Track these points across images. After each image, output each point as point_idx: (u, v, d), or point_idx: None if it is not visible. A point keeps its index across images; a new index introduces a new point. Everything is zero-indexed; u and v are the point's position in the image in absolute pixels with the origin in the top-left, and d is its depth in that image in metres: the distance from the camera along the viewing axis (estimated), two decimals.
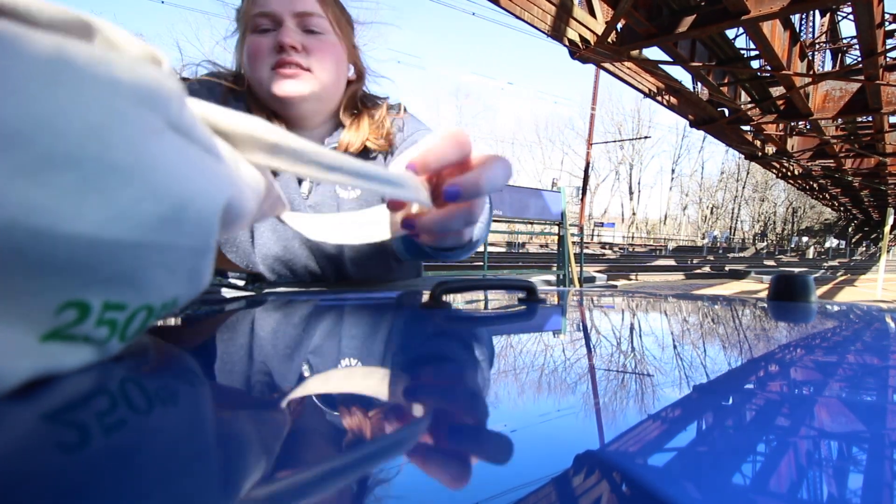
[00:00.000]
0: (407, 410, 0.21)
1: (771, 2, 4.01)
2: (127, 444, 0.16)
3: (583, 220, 17.14)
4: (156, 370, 0.24)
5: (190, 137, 0.20)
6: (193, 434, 0.17)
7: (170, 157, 0.19)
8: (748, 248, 32.98)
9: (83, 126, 0.16)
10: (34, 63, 0.15)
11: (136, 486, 0.13)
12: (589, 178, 17.83)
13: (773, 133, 8.44)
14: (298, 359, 0.29)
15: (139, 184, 0.18)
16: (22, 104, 0.14)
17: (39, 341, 0.19)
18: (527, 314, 0.50)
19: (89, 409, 0.18)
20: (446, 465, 0.16)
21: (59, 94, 0.15)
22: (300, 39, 0.64)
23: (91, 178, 0.16)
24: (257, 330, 0.37)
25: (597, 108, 17.85)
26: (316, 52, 0.65)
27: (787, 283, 0.63)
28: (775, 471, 0.16)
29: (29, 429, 0.16)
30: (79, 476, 0.13)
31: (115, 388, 0.21)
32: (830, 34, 7.36)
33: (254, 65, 0.65)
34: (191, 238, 0.21)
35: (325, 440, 0.18)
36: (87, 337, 0.21)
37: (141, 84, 0.18)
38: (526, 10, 4.33)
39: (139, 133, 0.18)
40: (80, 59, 0.16)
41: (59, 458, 0.14)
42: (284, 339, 0.34)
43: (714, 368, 0.30)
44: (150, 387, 0.21)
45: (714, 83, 6.15)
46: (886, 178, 12.36)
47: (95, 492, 0.12)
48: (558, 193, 6.02)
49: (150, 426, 0.17)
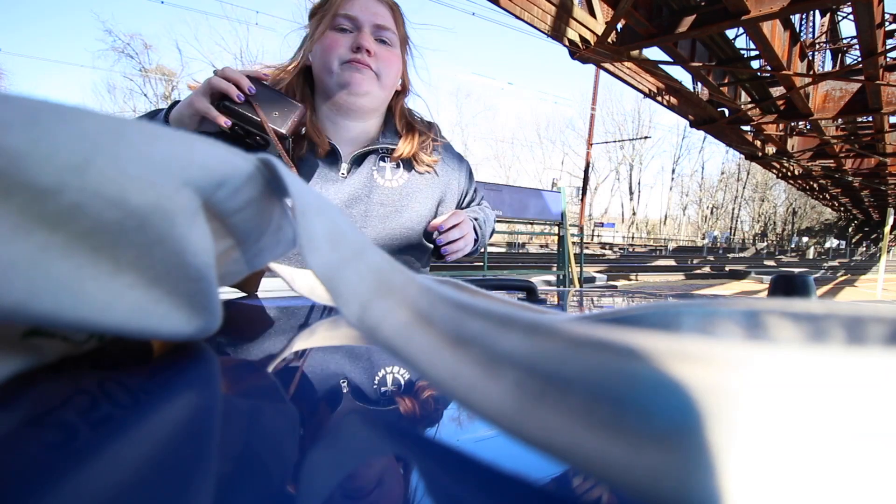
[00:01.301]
0: (406, 410, 0.21)
1: (771, 2, 4.01)
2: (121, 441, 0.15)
3: (583, 220, 17.14)
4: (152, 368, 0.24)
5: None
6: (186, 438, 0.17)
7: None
8: (748, 248, 32.98)
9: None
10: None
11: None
12: (589, 179, 17.84)
13: (773, 133, 8.44)
14: (300, 358, 0.29)
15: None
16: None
17: (21, 338, 0.20)
18: None
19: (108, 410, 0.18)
20: (447, 465, 0.16)
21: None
22: (374, 46, 0.76)
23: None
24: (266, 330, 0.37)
25: (597, 109, 17.87)
26: (383, 60, 0.77)
27: (787, 283, 0.63)
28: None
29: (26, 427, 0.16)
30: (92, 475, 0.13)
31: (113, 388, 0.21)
32: (830, 34, 7.36)
33: (329, 55, 0.75)
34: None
35: (325, 440, 0.18)
36: (66, 337, 0.22)
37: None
38: (526, 11, 4.33)
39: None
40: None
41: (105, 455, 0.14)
42: (285, 337, 0.34)
43: None
44: (141, 384, 0.21)
45: (714, 83, 6.15)
46: (887, 178, 12.36)
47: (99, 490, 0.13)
48: (558, 193, 6.02)
49: (138, 424, 0.17)
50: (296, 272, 0.42)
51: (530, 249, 21.00)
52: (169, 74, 24.02)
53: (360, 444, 0.17)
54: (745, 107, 7.01)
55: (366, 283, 0.19)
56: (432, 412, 0.21)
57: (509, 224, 6.45)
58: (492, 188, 5.39)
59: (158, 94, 23.86)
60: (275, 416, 0.20)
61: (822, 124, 7.96)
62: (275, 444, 0.17)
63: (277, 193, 0.23)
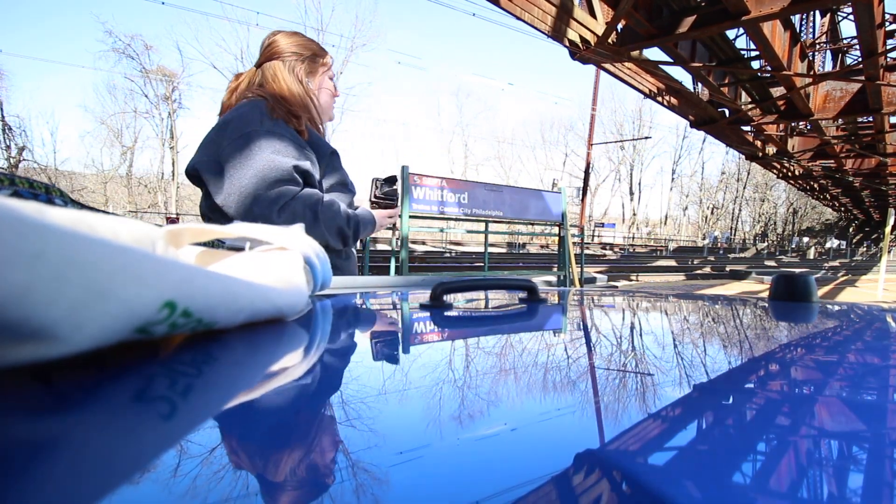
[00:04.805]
0: (408, 409, 0.21)
1: (771, 2, 4.00)
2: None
3: (583, 220, 17.12)
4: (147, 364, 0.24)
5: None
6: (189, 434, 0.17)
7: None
8: (749, 248, 32.93)
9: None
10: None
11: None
12: (589, 179, 17.82)
13: (773, 133, 8.44)
14: (303, 357, 0.29)
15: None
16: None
17: None
18: (527, 314, 0.50)
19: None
20: (447, 464, 0.16)
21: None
22: None
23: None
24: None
25: (597, 109, 17.85)
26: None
27: (788, 283, 0.63)
28: (775, 470, 0.16)
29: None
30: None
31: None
32: (831, 34, 7.35)
33: (329, 99, 1.19)
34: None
35: (324, 439, 0.18)
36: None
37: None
38: (526, 11, 4.33)
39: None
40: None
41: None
42: (286, 334, 0.34)
43: (715, 368, 0.30)
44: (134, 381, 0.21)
45: (714, 83, 6.14)
46: (887, 178, 12.34)
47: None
48: (559, 194, 6.02)
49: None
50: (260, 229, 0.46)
51: (531, 250, 20.99)
52: (170, 75, 24.04)
53: (361, 443, 0.17)
54: (745, 107, 7.00)
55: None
56: (431, 412, 0.21)
57: (510, 224, 6.45)
58: (492, 188, 5.39)
59: (159, 95, 23.90)
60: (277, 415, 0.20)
61: (823, 124, 7.95)
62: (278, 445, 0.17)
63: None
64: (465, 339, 0.37)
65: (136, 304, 0.21)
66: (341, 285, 0.78)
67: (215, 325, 0.28)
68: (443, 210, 4.97)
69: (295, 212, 0.95)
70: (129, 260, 0.21)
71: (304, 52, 1.09)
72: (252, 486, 0.14)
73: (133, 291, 0.21)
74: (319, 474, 0.15)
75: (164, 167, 25.05)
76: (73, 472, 0.13)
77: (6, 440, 0.15)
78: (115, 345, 0.22)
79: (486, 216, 5.28)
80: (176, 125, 24.71)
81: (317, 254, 0.46)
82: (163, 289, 0.22)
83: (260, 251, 0.44)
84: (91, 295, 0.19)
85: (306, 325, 0.39)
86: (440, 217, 5.17)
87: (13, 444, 0.15)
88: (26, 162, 20.33)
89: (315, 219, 0.97)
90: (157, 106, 24.13)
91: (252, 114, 0.98)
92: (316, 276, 0.46)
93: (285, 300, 0.36)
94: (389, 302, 0.59)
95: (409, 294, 0.66)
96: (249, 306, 0.31)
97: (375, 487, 0.14)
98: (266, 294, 0.33)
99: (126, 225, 0.34)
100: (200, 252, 0.47)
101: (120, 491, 0.13)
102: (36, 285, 0.17)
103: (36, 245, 0.17)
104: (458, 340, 0.37)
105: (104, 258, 0.19)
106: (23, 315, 0.17)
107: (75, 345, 0.19)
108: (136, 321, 0.22)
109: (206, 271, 0.27)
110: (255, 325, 0.34)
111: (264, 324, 0.35)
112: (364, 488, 0.14)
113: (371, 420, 0.19)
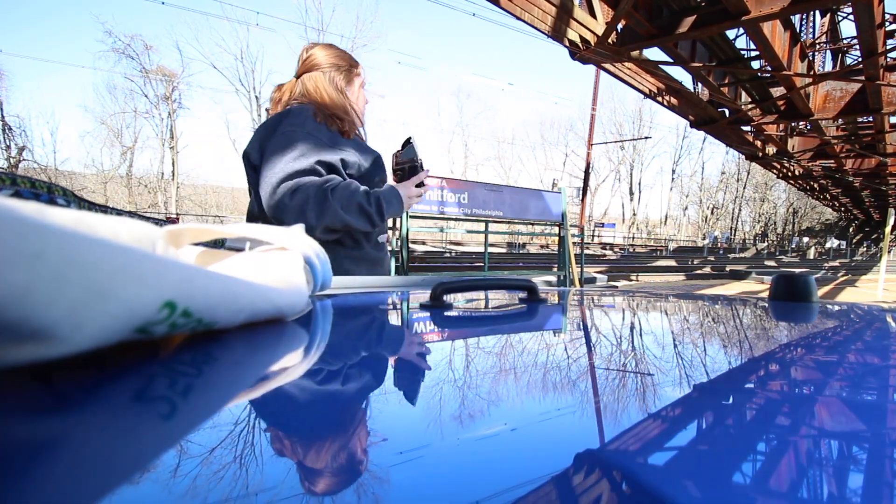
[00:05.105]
0: (408, 409, 0.21)
1: (771, 2, 4.00)
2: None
3: (583, 220, 17.12)
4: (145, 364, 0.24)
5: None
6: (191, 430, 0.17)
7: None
8: (749, 248, 32.93)
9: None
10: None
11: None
12: (589, 179, 17.82)
13: (773, 133, 8.43)
14: (303, 357, 0.29)
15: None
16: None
17: None
18: (527, 314, 0.50)
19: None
20: (447, 464, 0.16)
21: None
22: None
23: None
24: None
25: (597, 109, 17.85)
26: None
27: (788, 283, 0.63)
28: (775, 470, 0.16)
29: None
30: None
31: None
32: (831, 34, 7.35)
33: (363, 107, 1.25)
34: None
35: (324, 439, 0.18)
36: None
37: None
38: (526, 11, 4.33)
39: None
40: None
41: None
42: (286, 333, 0.34)
43: (715, 368, 0.30)
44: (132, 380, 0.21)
45: (714, 83, 6.14)
46: (887, 178, 12.34)
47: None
48: (559, 194, 6.02)
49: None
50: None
51: (531, 250, 20.99)
52: (170, 75, 24.03)
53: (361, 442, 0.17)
54: (745, 107, 7.00)
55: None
56: (432, 411, 0.21)
57: (510, 224, 6.45)
58: (492, 188, 5.39)
59: (159, 95, 23.89)
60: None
61: (823, 124, 7.95)
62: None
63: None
64: (465, 339, 0.37)
65: (136, 304, 0.21)
66: (341, 285, 0.78)
67: (215, 325, 0.28)
68: (443, 210, 4.97)
69: (308, 194, 1.00)
70: (129, 260, 0.21)
71: (341, 63, 1.19)
72: (252, 486, 0.14)
73: (133, 291, 0.21)
74: (319, 474, 0.15)
75: (164, 167, 25.07)
76: (73, 472, 0.13)
77: (6, 440, 0.15)
78: (115, 345, 0.22)
79: (486, 216, 5.28)
80: (176, 125, 24.72)
81: (317, 254, 0.47)
82: (163, 289, 0.23)
83: (260, 251, 0.44)
84: (91, 295, 0.19)
85: (306, 325, 0.39)
86: (440, 217, 5.17)
87: (13, 444, 0.15)
88: (26, 162, 20.35)
89: (325, 199, 1.01)
90: (157, 106, 24.15)
91: (298, 116, 1.08)
92: (316, 277, 0.46)
93: (285, 300, 0.36)
94: (389, 302, 0.59)
95: (409, 294, 0.66)
96: (249, 306, 0.31)
97: (375, 487, 0.14)
98: (266, 294, 0.33)
99: (126, 225, 0.34)
100: (200, 252, 0.47)
101: (120, 491, 0.13)
102: (36, 285, 0.17)
103: (36, 245, 0.17)
104: (459, 340, 0.37)
105: (104, 258, 0.20)
106: (23, 315, 0.17)
107: (75, 345, 0.19)
108: (136, 321, 0.22)
109: (207, 271, 0.27)
110: (255, 325, 0.34)
111: (264, 324, 0.35)
112: (364, 488, 0.14)
113: (371, 420, 0.19)
